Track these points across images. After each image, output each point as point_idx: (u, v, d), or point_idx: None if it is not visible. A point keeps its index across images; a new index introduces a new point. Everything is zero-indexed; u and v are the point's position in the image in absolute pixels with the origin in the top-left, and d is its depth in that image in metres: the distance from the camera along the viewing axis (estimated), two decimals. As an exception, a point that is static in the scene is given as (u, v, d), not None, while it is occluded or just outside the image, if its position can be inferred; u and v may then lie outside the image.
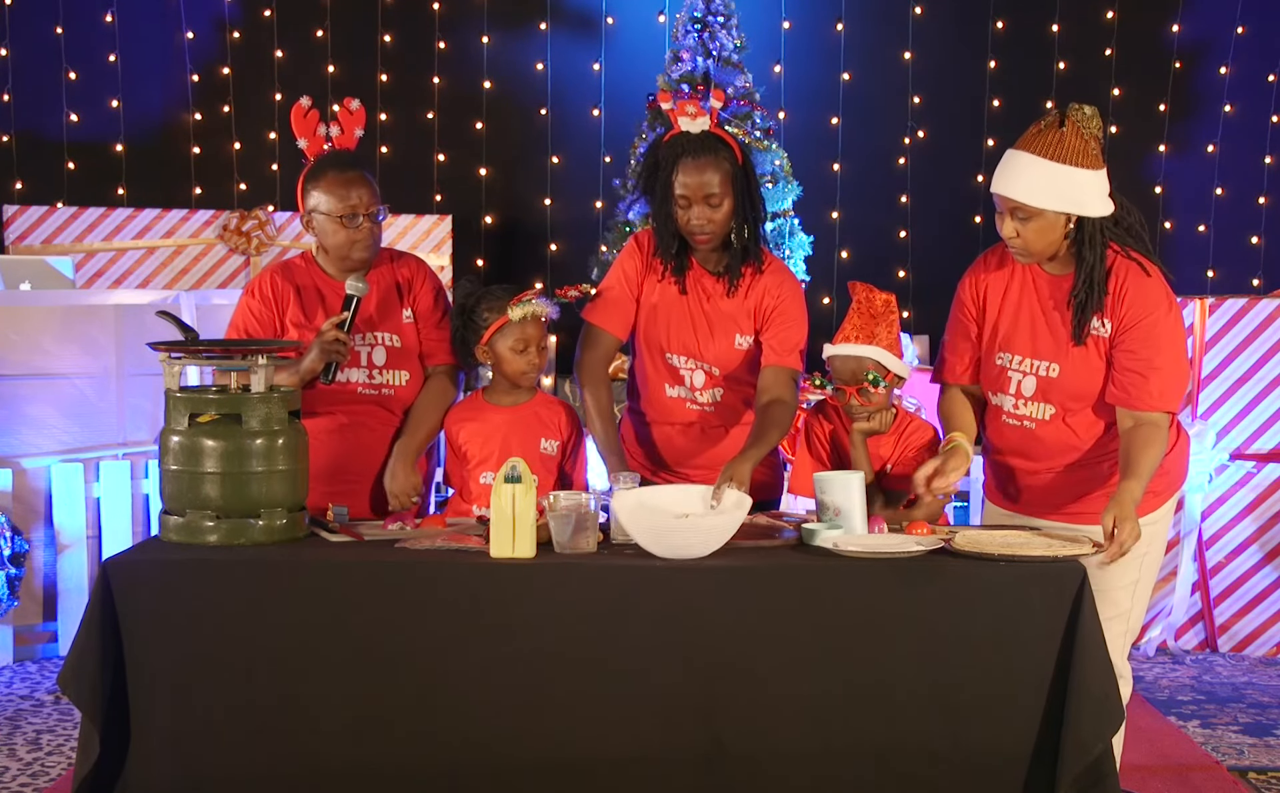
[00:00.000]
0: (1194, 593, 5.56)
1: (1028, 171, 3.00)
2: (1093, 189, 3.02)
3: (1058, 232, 3.03)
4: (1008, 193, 3.02)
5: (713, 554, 2.84)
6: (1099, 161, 3.03)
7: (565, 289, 3.53)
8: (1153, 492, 3.13)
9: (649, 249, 3.48)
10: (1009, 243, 3.08)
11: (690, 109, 3.36)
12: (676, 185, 3.33)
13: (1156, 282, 3.06)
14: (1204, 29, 8.04)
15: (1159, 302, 3.05)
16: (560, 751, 2.77)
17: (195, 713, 2.78)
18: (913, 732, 2.77)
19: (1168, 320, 3.05)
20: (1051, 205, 2.99)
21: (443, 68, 8.18)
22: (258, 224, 7.60)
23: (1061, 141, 2.99)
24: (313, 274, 3.54)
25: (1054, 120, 3.03)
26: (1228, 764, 4.26)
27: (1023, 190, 3.00)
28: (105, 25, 7.92)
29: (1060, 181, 2.98)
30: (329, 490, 3.32)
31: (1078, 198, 3.00)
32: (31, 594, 5.29)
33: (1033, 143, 3.02)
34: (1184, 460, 3.25)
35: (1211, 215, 8.07)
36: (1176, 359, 3.08)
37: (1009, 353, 3.19)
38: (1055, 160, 2.98)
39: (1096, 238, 3.04)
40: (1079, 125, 3.01)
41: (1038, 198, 2.99)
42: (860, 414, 3.33)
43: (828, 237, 8.00)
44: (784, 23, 8.12)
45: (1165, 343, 3.04)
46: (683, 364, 3.46)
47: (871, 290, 3.36)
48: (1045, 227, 3.02)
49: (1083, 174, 2.99)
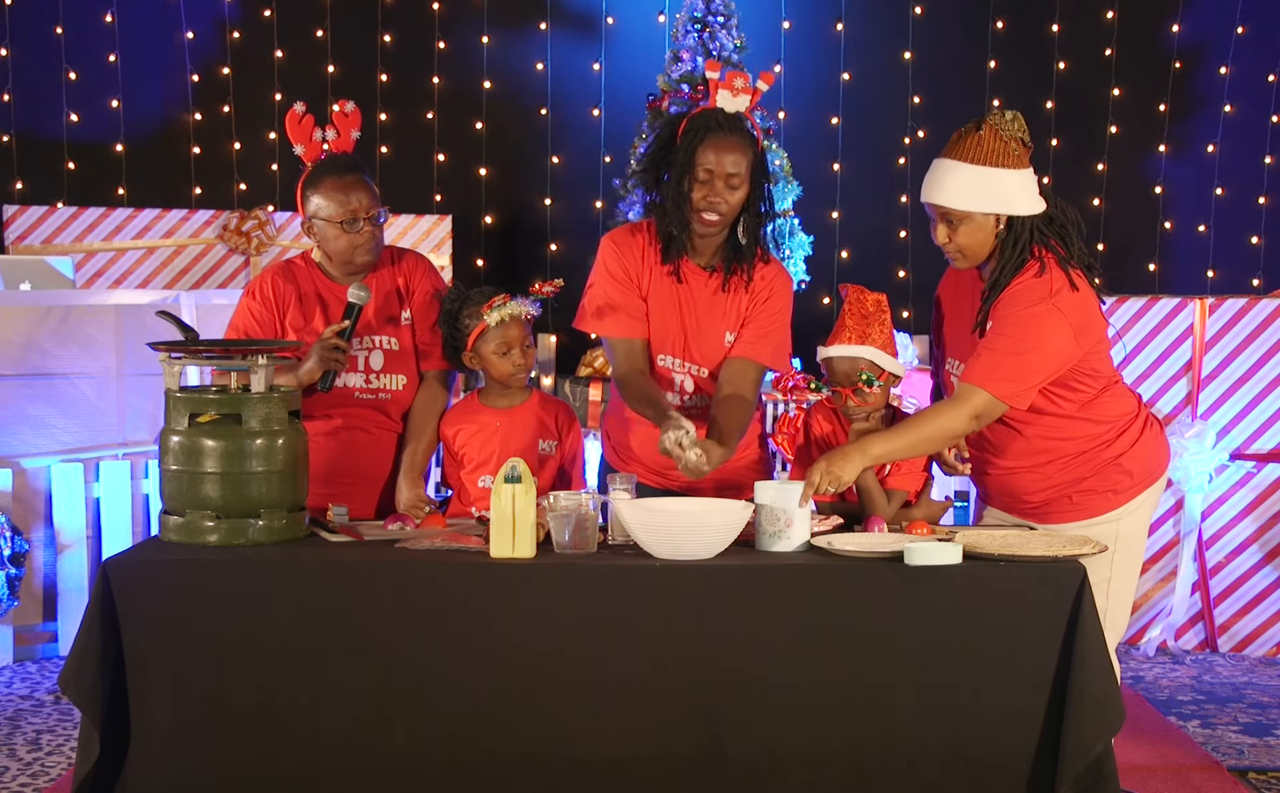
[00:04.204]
0: (1194, 593, 5.56)
1: (950, 176, 3.08)
2: (1016, 188, 3.07)
3: (988, 232, 3.09)
4: (934, 199, 3.11)
5: (712, 554, 2.84)
6: (1022, 162, 3.09)
7: (540, 286, 3.51)
8: (1113, 490, 3.15)
9: (640, 244, 3.38)
10: (945, 250, 3.15)
11: (739, 82, 3.29)
12: (700, 159, 3.24)
13: (1049, 279, 3.03)
14: (1204, 29, 8.05)
15: (1031, 295, 3.02)
16: (560, 750, 2.77)
17: (195, 713, 2.78)
18: (913, 732, 2.77)
19: (1026, 310, 3.01)
20: (976, 207, 3.06)
21: (443, 68, 8.19)
22: (258, 224, 7.60)
23: (980, 144, 3.06)
24: (314, 277, 3.53)
25: (972, 126, 3.10)
26: (1228, 764, 4.26)
27: (947, 195, 3.08)
28: (105, 25, 7.92)
29: (983, 183, 3.05)
30: (325, 494, 3.31)
31: (1002, 197, 3.06)
32: (31, 594, 5.29)
33: (953, 149, 3.10)
34: (1152, 455, 3.21)
35: (1211, 215, 8.08)
36: (1016, 349, 3.01)
37: (952, 359, 3.27)
38: (975, 163, 3.05)
39: (1024, 236, 3.08)
40: (997, 128, 3.07)
41: (962, 201, 3.06)
42: (857, 415, 3.34)
43: (828, 237, 8.01)
44: (784, 23, 8.13)
45: (1011, 326, 3.01)
46: (673, 366, 3.40)
47: (863, 291, 3.38)
48: (974, 229, 3.08)
49: (1004, 174, 3.05)
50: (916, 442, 3.08)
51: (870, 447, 3.05)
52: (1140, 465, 3.18)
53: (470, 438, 3.45)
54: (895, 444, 3.07)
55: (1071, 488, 3.16)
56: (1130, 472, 3.17)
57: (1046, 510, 3.20)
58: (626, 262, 3.39)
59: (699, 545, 2.82)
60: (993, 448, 3.21)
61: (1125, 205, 8.16)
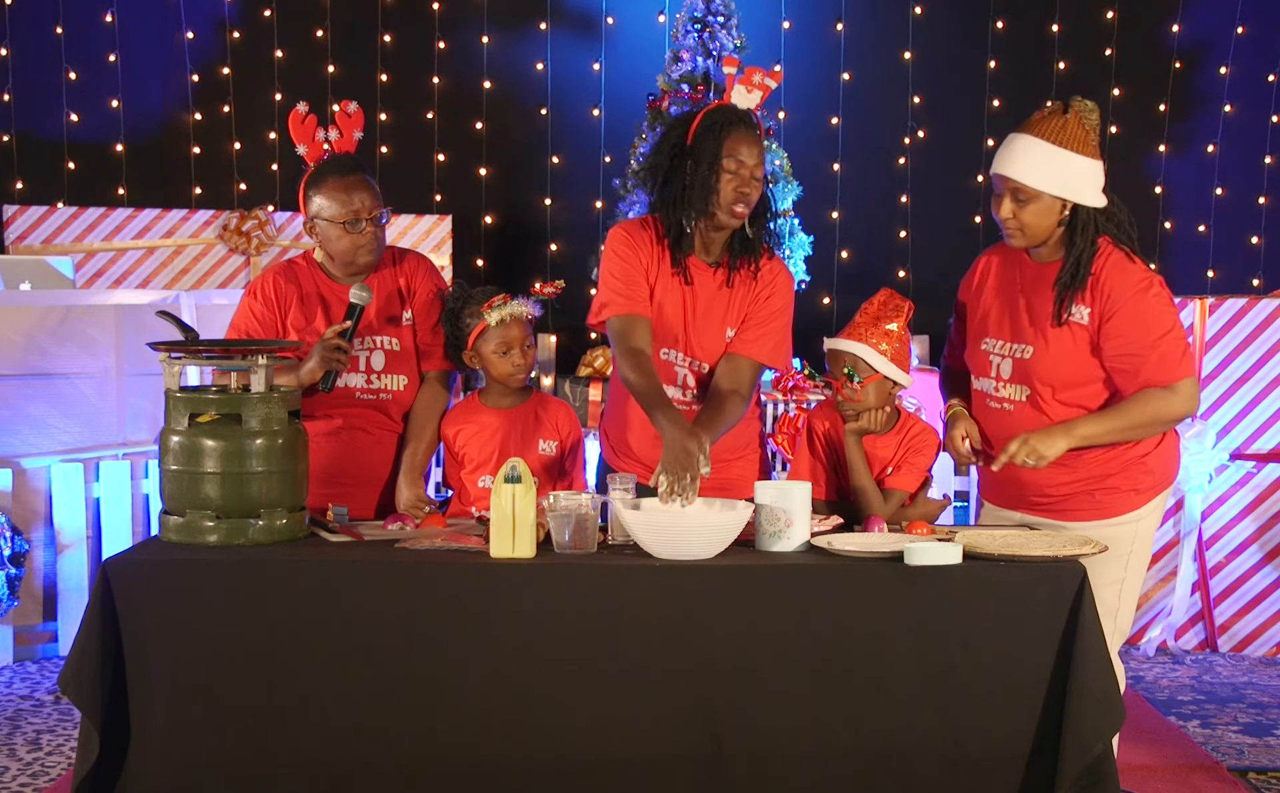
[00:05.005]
0: (1194, 593, 5.56)
1: (1029, 153, 3.07)
2: (1089, 178, 3.09)
3: (1053, 216, 3.10)
4: (1008, 173, 3.09)
5: (712, 554, 2.84)
6: (1097, 154, 3.11)
7: (541, 286, 3.51)
8: (1135, 489, 3.15)
9: (648, 236, 3.36)
10: (1004, 224, 3.14)
11: (757, 77, 3.33)
12: (729, 150, 3.24)
13: (1137, 266, 3.10)
14: (1204, 29, 8.05)
15: (1138, 282, 3.08)
16: (560, 751, 2.77)
17: (195, 713, 2.78)
18: (913, 732, 2.77)
19: (1150, 298, 3.07)
20: (1049, 188, 3.06)
21: (443, 68, 8.19)
22: (258, 224, 7.61)
23: (1065, 127, 3.07)
24: (315, 278, 3.53)
25: (1059, 107, 3.10)
26: (1228, 764, 4.26)
27: (1022, 171, 3.07)
28: (105, 25, 7.92)
29: (1059, 166, 3.05)
30: (325, 494, 3.31)
31: (1075, 184, 3.07)
32: (31, 594, 5.29)
33: (1036, 127, 3.09)
34: (1171, 459, 3.24)
35: (1211, 215, 8.08)
36: (1171, 331, 3.09)
37: (991, 338, 3.25)
38: (1057, 144, 3.06)
39: (1089, 227, 3.10)
40: (1081, 115, 3.08)
41: (1037, 179, 3.06)
42: (848, 412, 3.34)
43: (828, 237, 8.01)
44: (784, 23, 8.13)
45: (1154, 320, 3.07)
46: (675, 360, 3.39)
47: (890, 294, 3.39)
48: (1041, 210, 3.09)
49: (1082, 161, 3.07)
50: (1127, 426, 3.08)
51: (1077, 428, 3.07)
52: (1161, 465, 3.20)
53: (470, 438, 3.45)
54: (1104, 427, 3.08)
55: (1097, 484, 3.15)
56: (1153, 471, 3.18)
57: (1065, 506, 3.19)
58: (637, 246, 3.36)
59: (699, 545, 2.82)
60: None
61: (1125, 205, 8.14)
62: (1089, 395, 3.13)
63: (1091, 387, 3.13)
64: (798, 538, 2.91)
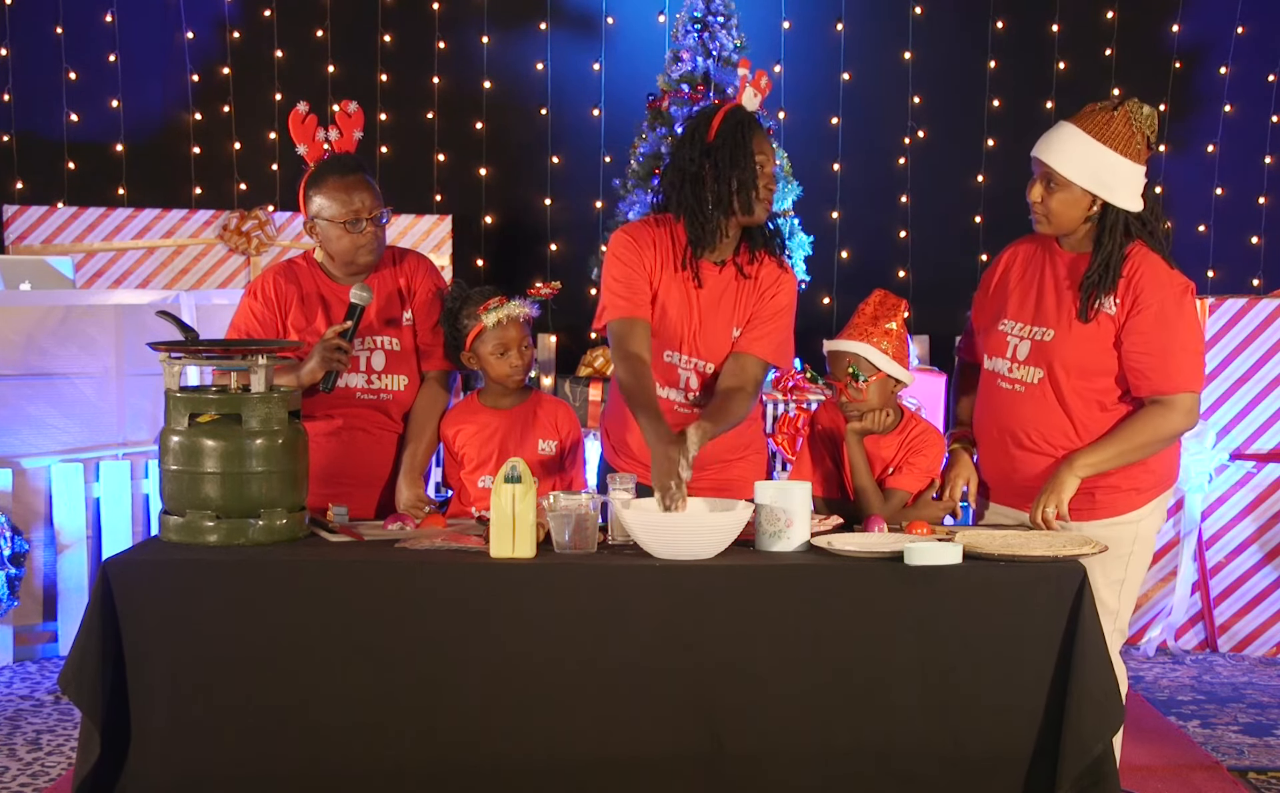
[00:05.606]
0: (1194, 593, 5.57)
1: (1068, 143, 3.10)
2: (1124, 179, 3.09)
3: (1080, 209, 3.11)
4: (1043, 157, 3.12)
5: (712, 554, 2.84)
6: (1140, 157, 3.11)
7: (538, 287, 3.52)
8: (1136, 489, 3.15)
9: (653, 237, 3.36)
10: (1033, 208, 3.16)
11: (764, 81, 3.39)
12: (756, 148, 3.29)
13: (1175, 272, 3.13)
14: (1204, 29, 8.04)
15: (1172, 287, 3.10)
16: (560, 751, 2.77)
17: (195, 713, 2.78)
18: (913, 732, 2.77)
19: (1180, 304, 3.10)
20: (1080, 180, 3.08)
21: (443, 68, 8.18)
22: (258, 224, 7.60)
23: (1109, 124, 3.09)
24: (315, 278, 3.53)
25: (1109, 104, 3.13)
26: (1228, 764, 4.26)
27: (1057, 158, 3.09)
28: (105, 25, 7.92)
29: (1095, 160, 3.07)
30: (325, 494, 3.31)
31: (1107, 181, 3.08)
32: (31, 594, 5.29)
33: (1081, 119, 3.12)
34: (1172, 459, 3.25)
35: (1211, 215, 8.07)
36: (1191, 343, 3.11)
37: (1010, 319, 3.25)
38: (1097, 139, 3.07)
39: (1118, 228, 3.10)
40: (1131, 115, 3.10)
41: (1069, 169, 3.08)
42: (851, 413, 3.34)
43: (828, 237, 8.00)
44: (784, 23, 8.12)
45: (1178, 327, 3.08)
46: (679, 362, 3.40)
47: (885, 295, 3.40)
48: (1069, 200, 3.10)
49: (1119, 160, 3.08)
50: (1127, 450, 3.10)
51: (1078, 461, 3.08)
52: (1162, 466, 3.20)
53: (470, 438, 3.45)
54: (1104, 454, 3.09)
55: (1098, 484, 3.15)
56: (1154, 471, 3.19)
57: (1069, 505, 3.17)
58: (641, 249, 3.36)
59: (699, 545, 2.82)
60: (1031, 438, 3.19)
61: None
62: (1102, 389, 3.14)
63: (1106, 380, 3.14)
64: (798, 538, 2.91)
